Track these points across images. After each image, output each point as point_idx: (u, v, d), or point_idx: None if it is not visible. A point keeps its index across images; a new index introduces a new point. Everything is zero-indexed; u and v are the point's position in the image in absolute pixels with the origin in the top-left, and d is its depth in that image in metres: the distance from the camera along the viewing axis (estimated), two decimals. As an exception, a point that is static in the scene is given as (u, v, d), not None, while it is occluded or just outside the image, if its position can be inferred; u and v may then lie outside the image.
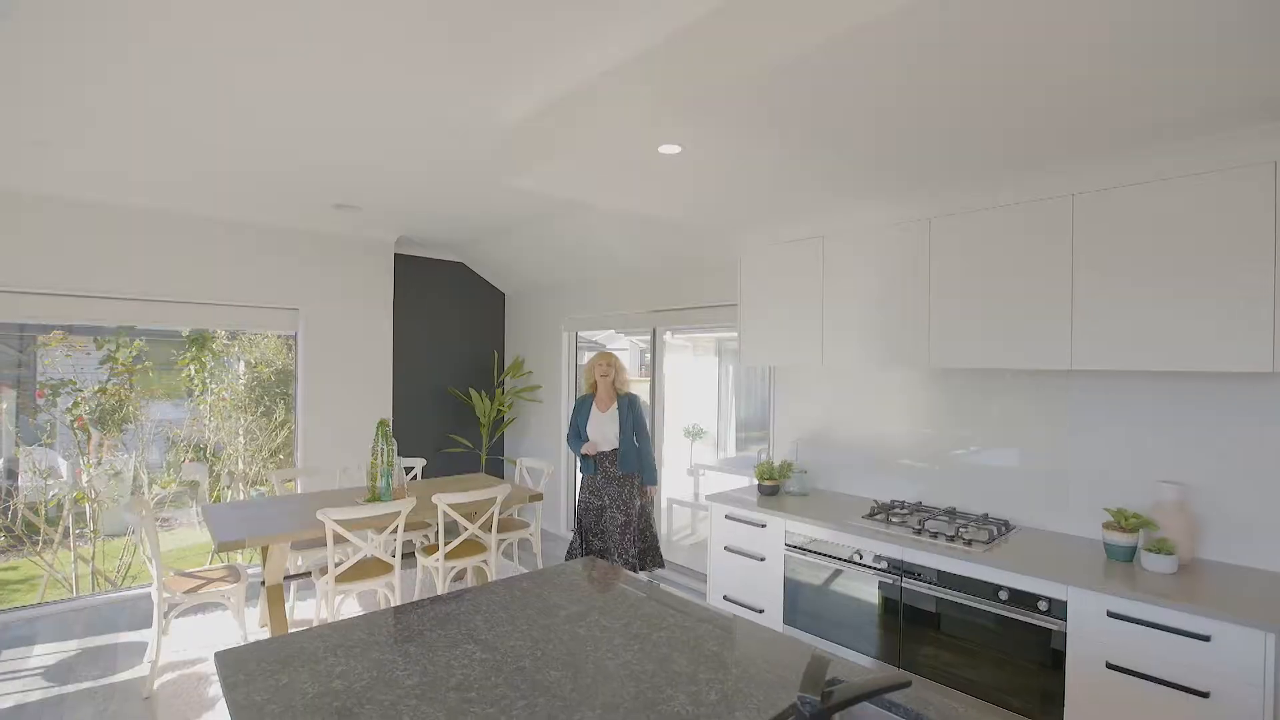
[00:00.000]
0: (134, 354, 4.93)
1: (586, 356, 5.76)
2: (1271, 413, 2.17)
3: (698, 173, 2.44)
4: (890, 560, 2.56)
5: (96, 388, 4.75)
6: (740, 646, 1.52)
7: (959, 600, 2.36)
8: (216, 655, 1.43)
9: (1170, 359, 2.10)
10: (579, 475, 3.87)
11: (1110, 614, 2.01)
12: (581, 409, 3.73)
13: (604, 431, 3.62)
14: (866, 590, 2.64)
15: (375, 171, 3.27)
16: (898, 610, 2.54)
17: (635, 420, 3.64)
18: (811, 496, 3.30)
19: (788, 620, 2.93)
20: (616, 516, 3.56)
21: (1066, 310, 2.32)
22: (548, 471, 4.15)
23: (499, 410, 5.81)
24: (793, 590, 2.92)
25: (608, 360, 3.72)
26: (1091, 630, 2.04)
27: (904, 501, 3.05)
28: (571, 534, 4.70)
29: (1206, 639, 1.84)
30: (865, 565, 2.64)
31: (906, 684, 0.95)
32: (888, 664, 2.57)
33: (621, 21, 1.70)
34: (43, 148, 2.97)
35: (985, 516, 2.76)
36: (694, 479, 5.07)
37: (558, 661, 1.42)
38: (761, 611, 3.05)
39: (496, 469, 6.13)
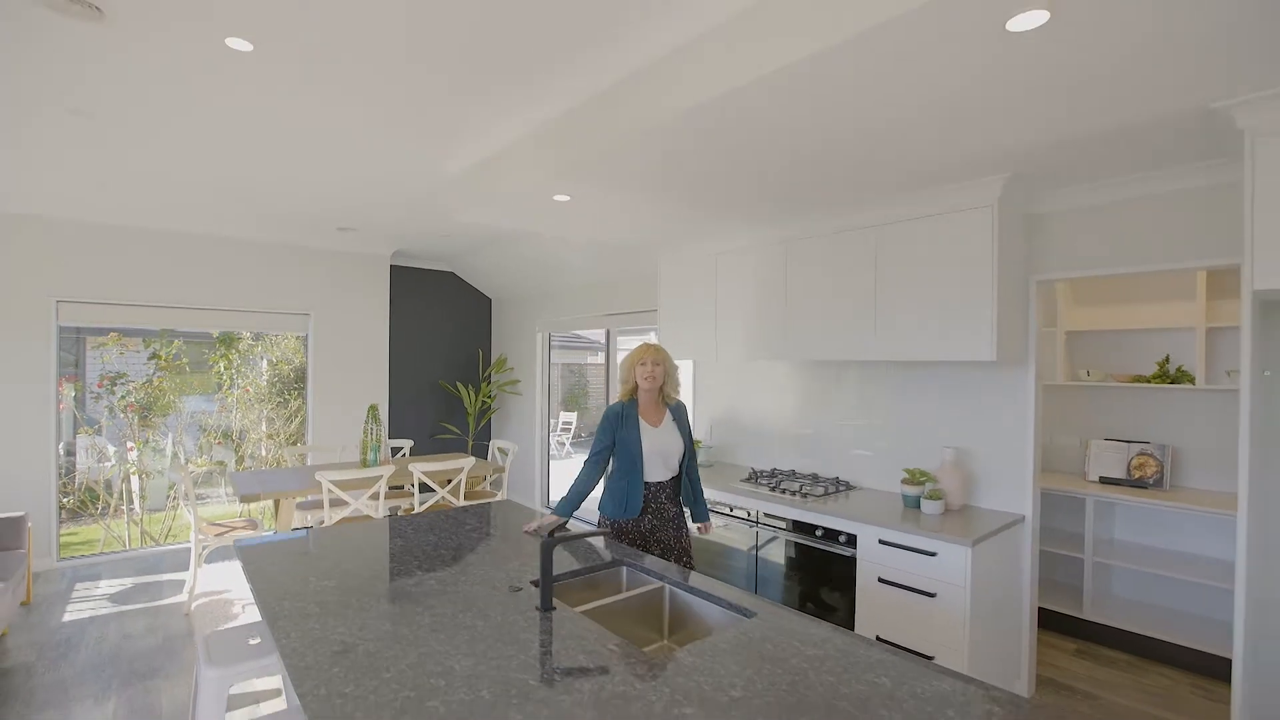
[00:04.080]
0: (173, 352, 5.84)
1: (560, 355, 6.54)
2: (1000, 392, 2.88)
3: (588, 214, 3.21)
4: (751, 511, 3.28)
5: (143, 381, 5.67)
6: (578, 541, 2.27)
7: (795, 540, 3.07)
8: (236, 542, 2.22)
9: (933, 351, 2.80)
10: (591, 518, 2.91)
11: (881, 541, 2.71)
12: (624, 422, 2.49)
13: (666, 452, 2.51)
14: (738, 538, 3.36)
15: (366, 203, 4.10)
16: (756, 550, 3.26)
17: (689, 438, 2.62)
18: (715, 467, 4.02)
19: (684, 563, 3.66)
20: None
21: (872, 314, 3.02)
22: (513, 451, 4.94)
23: (484, 402, 6.62)
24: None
25: (655, 354, 2.53)
26: (870, 555, 2.75)
27: (779, 469, 3.77)
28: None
29: (934, 554, 2.54)
30: (737, 517, 3.36)
31: (606, 534, 1.70)
32: (750, 592, 3.29)
33: (516, 108, 2.47)
34: (104, 188, 3.84)
35: (836, 479, 3.46)
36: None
37: (448, 546, 2.19)
38: (667, 558, 3.79)
39: (482, 453, 6.94)
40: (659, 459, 2.50)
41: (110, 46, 2.09)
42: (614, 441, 2.51)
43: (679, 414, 2.61)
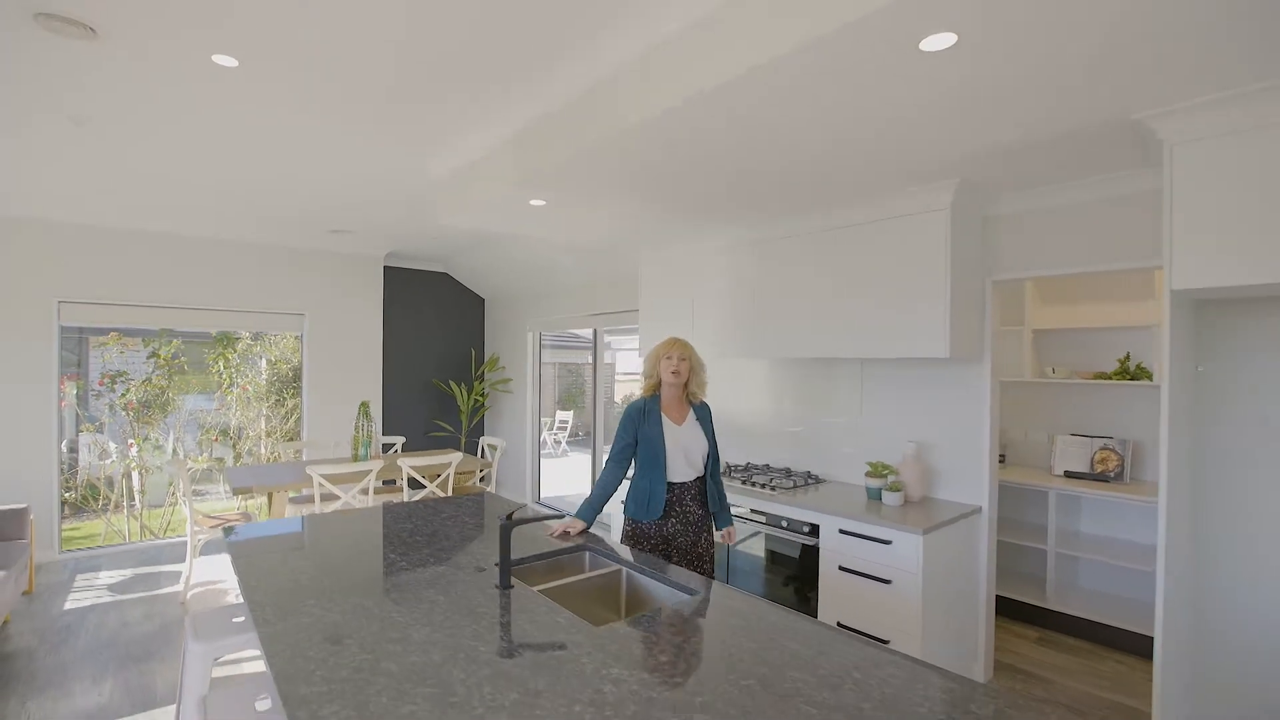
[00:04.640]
0: (173, 351, 5.99)
1: (556, 354, 6.68)
2: (960, 388, 3.00)
3: (565, 218, 3.35)
4: (724, 503, 3.40)
5: (144, 379, 5.82)
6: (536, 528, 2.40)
7: (766, 531, 3.19)
8: (224, 529, 2.35)
9: (891, 349, 2.91)
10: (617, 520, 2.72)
11: (841, 531, 2.83)
12: (646, 418, 2.42)
13: (690, 451, 2.43)
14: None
15: (359, 205, 4.23)
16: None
17: (713, 439, 2.53)
18: (694, 462, 4.14)
19: (662, 554, 3.78)
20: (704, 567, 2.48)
21: (837, 313, 3.14)
22: (501, 447, 5.07)
23: (477, 400, 6.75)
24: (666, 531, 3.78)
25: (682, 349, 2.46)
26: (831, 544, 2.87)
27: (753, 464, 3.89)
28: None
29: (889, 543, 2.66)
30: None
31: (559, 516, 1.82)
32: (719, 580, 3.41)
33: (494, 116, 2.60)
34: (109, 195, 3.99)
35: (807, 473, 3.58)
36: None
37: (423, 533, 2.32)
38: (646, 549, 3.91)
39: (473, 450, 7.07)
40: (681, 456, 2.41)
41: (104, 59, 2.22)
42: (636, 439, 2.42)
43: (703, 413, 2.52)
